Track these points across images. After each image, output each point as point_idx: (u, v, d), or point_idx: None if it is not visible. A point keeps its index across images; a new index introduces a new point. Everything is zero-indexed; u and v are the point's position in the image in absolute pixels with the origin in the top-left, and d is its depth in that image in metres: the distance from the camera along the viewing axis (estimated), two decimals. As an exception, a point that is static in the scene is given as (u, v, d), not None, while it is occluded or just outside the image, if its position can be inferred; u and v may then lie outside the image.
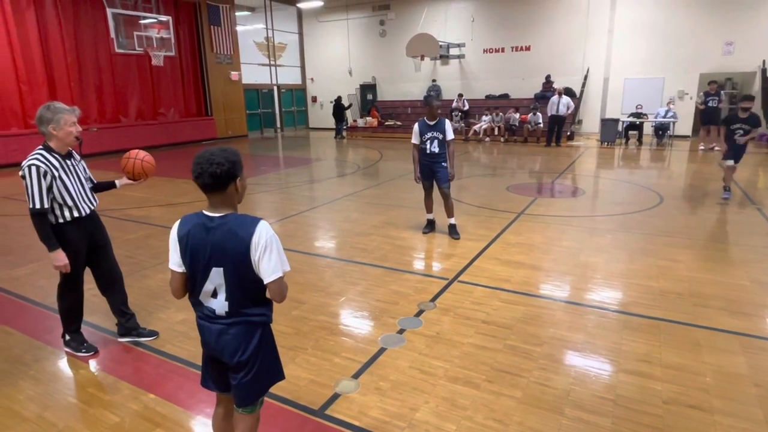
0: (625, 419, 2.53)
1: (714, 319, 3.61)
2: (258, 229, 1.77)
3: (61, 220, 3.02)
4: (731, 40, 14.64)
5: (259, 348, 1.91)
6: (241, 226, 1.78)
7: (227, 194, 1.80)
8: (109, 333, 3.56)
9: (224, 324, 1.87)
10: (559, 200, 7.83)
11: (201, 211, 1.84)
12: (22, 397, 2.84)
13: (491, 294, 4.13)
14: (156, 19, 14.32)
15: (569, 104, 14.23)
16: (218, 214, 1.80)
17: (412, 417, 2.58)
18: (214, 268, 1.80)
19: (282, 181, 10.10)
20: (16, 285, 4.57)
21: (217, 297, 1.85)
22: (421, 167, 5.65)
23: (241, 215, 1.83)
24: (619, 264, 4.77)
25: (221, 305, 1.85)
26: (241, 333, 1.87)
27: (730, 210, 6.81)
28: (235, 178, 1.79)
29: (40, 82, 12.94)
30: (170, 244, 1.87)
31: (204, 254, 1.80)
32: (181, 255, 1.84)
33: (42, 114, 2.91)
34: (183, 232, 1.83)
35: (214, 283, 1.83)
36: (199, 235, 1.80)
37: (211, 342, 1.91)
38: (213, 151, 1.76)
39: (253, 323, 1.88)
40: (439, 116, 5.52)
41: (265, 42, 20.71)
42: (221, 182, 1.76)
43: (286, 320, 3.71)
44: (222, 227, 1.78)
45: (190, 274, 1.86)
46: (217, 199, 1.81)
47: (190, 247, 1.81)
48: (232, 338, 1.87)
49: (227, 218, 1.79)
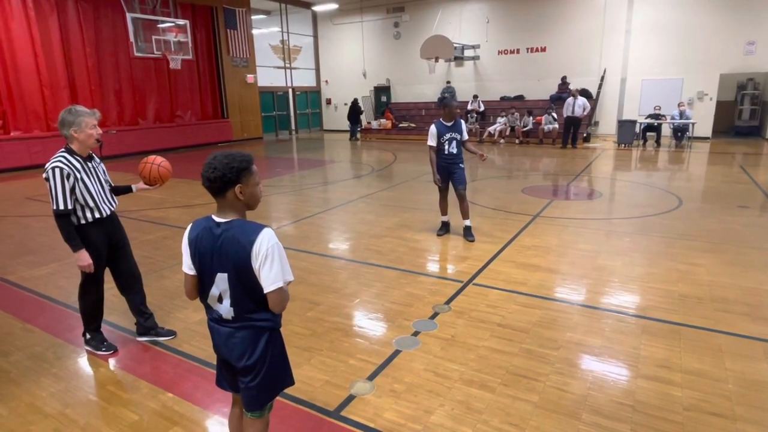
0: (644, 426, 2.49)
1: (736, 324, 3.53)
2: (260, 237, 1.75)
3: (83, 221, 3.09)
4: (753, 39, 14.32)
5: (265, 353, 1.90)
6: (244, 234, 1.76)
7: (227, 200, 1.80)
8: (128, 332, 3.62)
9: (232, 327, 1.88)
10: (576, 203, 7.74)
11: (210, 215, 1.85)
12: (44, 394, 2.90)
13: (507, 297, 4.10)
14: (174, 23, 14.53)
15: (585, 105, 14.06)
16: (224, 220, 1.81)
17: (427, 420, 2.57)
18: (218, 274, 1.82)
19: (297, 183, 10.16)
20: (38, 284, 4.67)
21: (223, 302, 1.86)
22: (438, 168, 5.62)
23: (246, 222, 1.82)
24: (638, 267, 4.70)
25: (227, 310, 1.86)
26: (248, 337, 1.88)
27: (751, 213, 6.66)
28: (233, 184, 1.77)
29: (62, 85, 13.24)
30: (183, 248, 1.90)
31: (210, 259, 1.82)
32: (192, 258, 1.87)
33: (64, 117, 2.98)
34: (193, 236, 1.85)
35: (219, 289, 1.84)
36: (206, 239, 1.82)
37: (220, 345, 1.93)
38: (217, 155, 1.78)
39: (259, 328, 1.88)
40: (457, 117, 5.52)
41: (281, 45, 20.90)
42: (216, 188, 1.77)
43: (302, 321, 3.73)
44: (226, 233, 1.78)
45: (200, 277, 1.88)
46: (221, 204, 1.82)
47: (199, 251, 1.83)
48: (239, 342, 1.88)
49: (231, 224, 1.79)
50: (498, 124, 16.10)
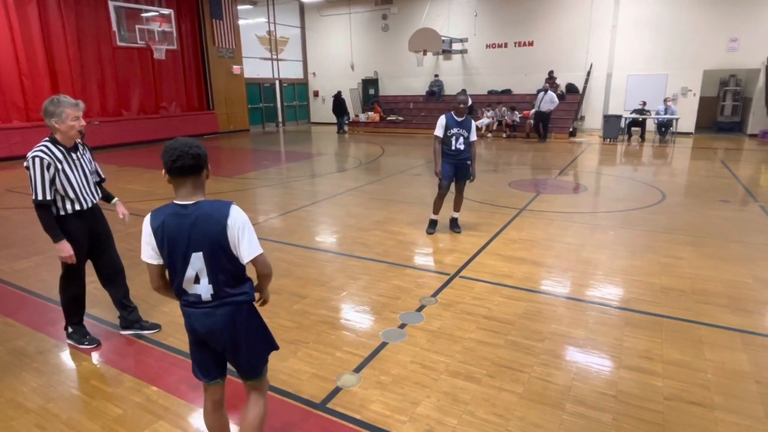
0: (626, 415, 2.53)
1: (716, 316, 3.61)
2: (232, 211, 1.84)
3: (62, 212, 3.03)
4: (736, 36, 14.55)
5: (248, 324, 1.98)
6: (216, 210, 1.84)
7: (201, 179, 1.87)
8: (111, 326, 3.58)
9: (209, 308, 1.91)
10: (561, 196, 7.82)
11: (171, 202, 1.87)
12: (25, 388, 2.85)
13: (493, 290, 4.13)
14: (158, 12, 14.28)
15: (553, 100, 14.45)
16: (190, 202, 1.84)
17: (414, 411, 2.59)
18: (193, 254, 1.85)
19: (283, 176, 10.09)
20: (19, 277, 4.58)
21: (200, 282, 1.88)
22: (444, 166, 5.46)
23: (212, 200, 1.88)
24: (621, 260, 4.77)
25: (205, 289, 1.89)
26: (228, 313, 1.92)
27: (732, 207, 6.79)
28: (207, 163, 1.89)
29: (42, 74, 12.94)
30: (143, 238, 1.88)
31: (182, 241, 1.84)
32: (158, 246, 1.87)
33: (46, 107, 2.93)
34: (157, 223, 1.85)
35: (195, 269, 1.87)
36: (174, 223, 1.84)
37: (198, 327, 1.94)
38: (185, 139, 1.84)
39: (238, 303, 1.93)
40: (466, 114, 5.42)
41: (267, 36, 20.66)
42: (196, 167, 1.83)
43: (288, 314, 3.72)
44: (196, 212, 1.83)
45: (170, 263, 1.89)
46: (190, 186, 1.85)
47: (167, 236, 1.84)
48: (219, 319, 1.91)
49: (200, 204, 1.85)
50: (485, 119, 16.15)
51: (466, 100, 5.40)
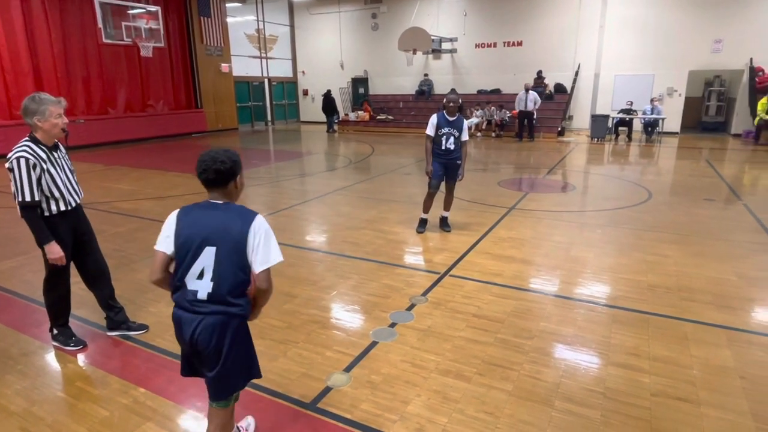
0: (614, 411, 2.56)
1: (701, 313, 3.67)
2: (258, 219, 1.94)
3: (47, 213, 2.97)
4: (720, 37, 14.78)
5: (234, 341, 1.93)
6: (243, 213, 1.94)
7: (227, 190, 1.97)
8: (97, 327, 3.53)
9: (202, 313, 1.89)
10: (550, 195, 7.88)
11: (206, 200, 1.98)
12: (9, 391, 2.80)
13: (482, 288, 4.15)
14: (145, 9, 14.09)
15: (536, 99, 14.64)
16: (221, 201, 1.96)
17: (404, 410, 2.59)
18: (207, 247, 1.87)
19: (273, 175, 10.04)
20: (2, 278, 4.49)
21: (203, 278, 1.88)
22: (434, 165, 5.47)
23: (243, 206, 1.99)
24: (609, 259, 4.82)
25: (205, 286, 1.88)
26: (217, 323, 1.90)
27: (717, 206, 6.90)
28: (235, 176, 1.96)
29: (25, 71, 12.69)
30: (165, 224, 1.94)
31: (201, 231, 1.88)
32: (176, 234, 1.89)
33: (27, 105, 2.85)
34: (184, 212, 1.94)
35: (202, 264, 1.87)
36: (200, 212, 1.93)
37: (186, 334, 1.92)
38: (217, 150, 1.93)
39: (229, 314, 1.91)
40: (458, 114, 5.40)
41: (256, 34, 20.51)
42: (224, 178, 1.92)
43: (278, 314, 3.70)
44: (226, 209, 1.94)
45: (179, 254, 1.90)
46: (218, 195, 1.96)
47: (189, 223, 1.90)
48: (206, 328, 1.89)
49: (230, 204, 1.97)
50: (475, 118, 16.21)
51: (457, 99, 5.39)
